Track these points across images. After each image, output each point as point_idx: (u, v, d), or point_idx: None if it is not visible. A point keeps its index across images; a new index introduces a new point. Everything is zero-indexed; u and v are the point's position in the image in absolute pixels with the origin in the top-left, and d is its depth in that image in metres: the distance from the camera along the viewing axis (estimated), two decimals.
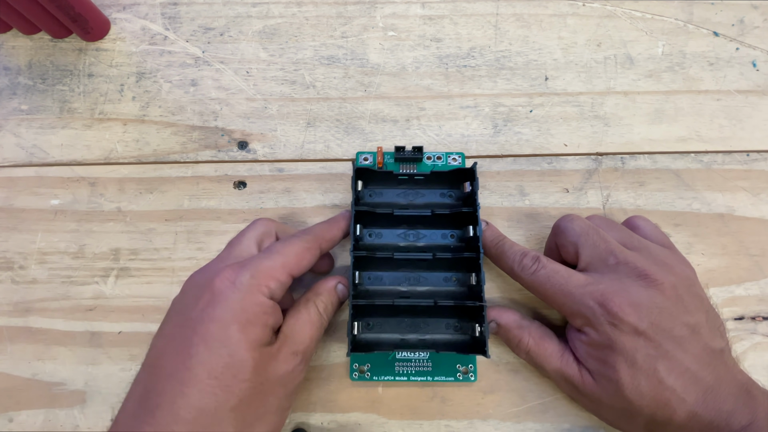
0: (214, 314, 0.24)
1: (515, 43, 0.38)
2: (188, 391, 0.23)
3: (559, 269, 0.29)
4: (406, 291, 0.32)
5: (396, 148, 0.34)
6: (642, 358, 0.26)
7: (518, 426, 0.31)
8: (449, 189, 0.34)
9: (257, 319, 0.25)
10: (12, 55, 0.38)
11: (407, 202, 0.34)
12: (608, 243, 0.29)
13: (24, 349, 0.33)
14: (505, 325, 0.31)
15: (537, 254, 0.30)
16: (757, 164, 0.36)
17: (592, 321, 0.27)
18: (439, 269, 0.32)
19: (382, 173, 0.33)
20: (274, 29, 0.39)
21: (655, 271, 0.28)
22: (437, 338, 0.31)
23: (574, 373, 0.28)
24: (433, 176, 0.33)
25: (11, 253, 0.35)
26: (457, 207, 0.33)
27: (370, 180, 0.34)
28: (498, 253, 0.31)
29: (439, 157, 0.35)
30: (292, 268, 0.27)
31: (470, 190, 0.32)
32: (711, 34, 0.39)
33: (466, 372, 0.32)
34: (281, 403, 0.26)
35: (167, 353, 0.24)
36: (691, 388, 0.26)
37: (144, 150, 0.36)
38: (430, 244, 0.33)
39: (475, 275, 0.31)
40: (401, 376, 0.31)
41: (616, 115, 0.37)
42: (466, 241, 0.32)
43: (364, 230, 0.33)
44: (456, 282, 0.32)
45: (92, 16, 0.37)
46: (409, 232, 0.33)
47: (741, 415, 0.26)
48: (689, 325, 0.27)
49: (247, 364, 0.24)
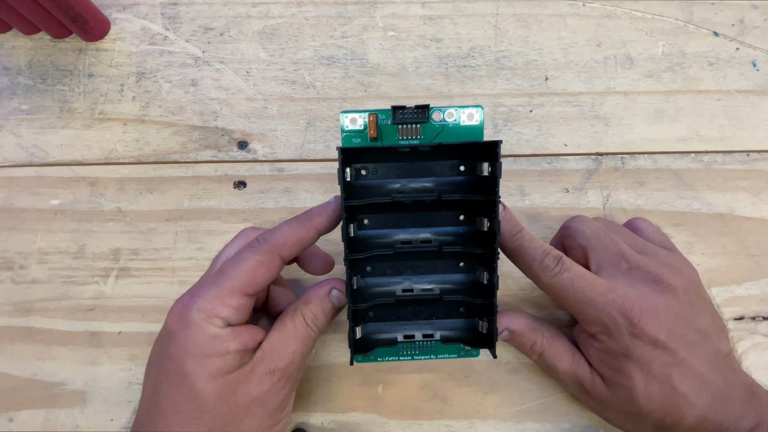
0: (170, 352, 0.24)
1: (515, 43, 0.38)
2: (160, 424, 0.24)
3: (584, 274, 0.27)
4: (409, 287, 0.29)
5: (393, 108, 0.27)
6: (657, 366, 0.26)
7: (518, 426, 0.31)
8: (462, 161, 0.28)
9: (212, 351, 0.24)
10: (12, 55, 0.38)
11: (409, 178, 0.28)
12: (619, 246, 0.29)
13: (24, 349, 0.33)
14: (518, 330, 0.29)
15: (560, 254, 0.27)
16: (757, 164, 0.36)
17: (611, 330, 0.26)
18: (447, 260, 0.29)
19: (377, 150, 0.27)
20: (274, 29, 0.39)
21: (668, 276, 0.27)
22: (442, 334, 0.29)
23: (586, 375, 0.28)
24: (442, 149, 0.27)
25: (11, 253, 0.35)
26: (471, 188, 0.27)
27: (362, 155, 0.28)
28: (516, 248, 0.28)
29: (450, 113, 0.28)
30: (244, 289, 0.25)
31: (489, 173, 0.25)
32: (711, 34, 0.39)
33: (469, 348, 0.29)
34: (262, 423, 0.25)
35: (145, 388, 0.26)
36: (701, 393, 0.26)
37: (144, 150, 0.36)
38: (437, 233, 0.28)
39: (488, 274, 0.27)
40: (405, 356, 0.29)
41: (616, 115, 0.37)
42: (478, 233, 0.28)
43: (359, 215, 0.28)
44: (464, 275, 0.29)
45: (92, 16, 0.37)
46: (413, 218, 0.28)
47: (748, 417, 0.26)
48: (700, 330, 0.27)
49: (209, 396, 0.24)
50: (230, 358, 0.24)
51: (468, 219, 0.29)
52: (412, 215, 0.29)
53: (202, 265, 0.34)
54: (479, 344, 0.28)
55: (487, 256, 0.27)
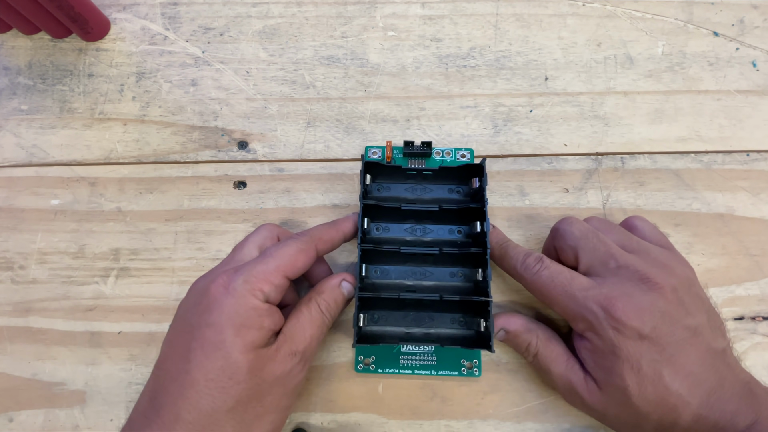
0: (210, 319, 0.25)
1: (515, 43, 0.38)
2: (188, 393, 0.24)
3: (562, 270, 0.29)
4: (412, 285, 0.32)
5: (405, 143, 0.34)
6: (647, 364, 0.26)
7: (518, 426, 0.31)
8: (457, 185, 0.34)
9: (251, 323, 0.25)
10: (12, 55, 0.38)
11: (415, 197, 0.34)
12: (608, 246, 0.29)
13: (24, 349, 0.33)
14: (514, 331, 0.31)
15: (541, 255, 0.30)
16: (757, 164, 0.36)
17: (594, 325, 0.27)
18: (446, 264, 0.33)
19: (391, 167, 0.33)
20: (274, 29, 0.39)
21: (656, 275, 0.28)
22: (442, 332, 0.31)
23: (579, 381, 0.28)
24: (442, 172, 0.33)
25: (11, 253, 0.35)
26: (464, 203, 0.33)
27: (378, 174, 0.34)
28: (501, 254, 0.31)
29: (448, 152, 0.35)
30: (286, 270, 0.27)
31: (478, 186, 0.32)
32: (711, 34, 0.39)
33: (471, 367, 0.32)
34: (280, 403, 0.27)
35: (171, 357, 0.26)
36: (695, 391, 0.26)
37: (144, 150, 0.36)
38: (437, 239, 0.33)
39: (482, 271, 0.31)
40: (406, 370, 0.32)
41: (616, 115, 0.37)
42: (473, 237, 0.33)
43: (372, 224, 0.33)
44: (462, 277, 0.32)
45: (92, 16, 0.37)
46: (416, 227, 0.33)
47: (745, 414, 0.26)
48: (691, 328, 0.27)
49: (242, 367, 0.24)
50: (264, 334, 0.26)
51: (465, 225, 0.34)
52: (413, 224, 0.34)
53: (202, 265, 0.34)
54: (477, 345, 0.30)
55: (480, 256, 0.31)
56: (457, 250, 0.31)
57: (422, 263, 0.33)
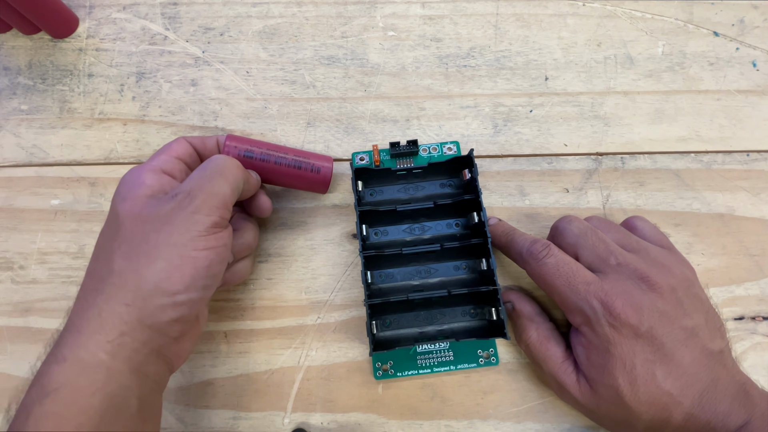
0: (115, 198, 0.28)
1: (515, 43, 0.38)
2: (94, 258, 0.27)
3: (568, 261, 0.29)
4: (418, 284, 0.33)
5: (391, 144, 0.34)
6: (640, 363, 0.26)
7: (518, 426, 0.31)
8: (448, 178, 0.34)
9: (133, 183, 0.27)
10: (12, 55, 0.38)
11: (408, 196, 0.34)
12: (607, 244, 0.29)
13: (24, 349, 0.33)
14: (519, 311, 0.31)
15: (549, 242, 0.30)
16: (757, 164, 0.36)
17: (591, 320, 0.27)
18: (449, 259, 0.33)
19: (381, 171, 0.33)
20: (274, 29, 0.39)
21: (655, 274, 0.28)
22: (455, 327, 0.32)
23: (572, 383, 0.28)
24: (431, 168, 0.33)
25: (11, 253, 0.35)
26: (458, 195, 0.33)
27: (369, 179, 0.34)
28: (507, 242, 0.31)
29: (434, 148, 0.36)
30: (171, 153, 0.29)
31: (470, 177, 0.32)
32: (711, 34, 0.39)
33: (488, 357, 0.32)
34: (170, 239, 0.25)
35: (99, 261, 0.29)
36: (687, 391, 0.26)
37: (144, 150, 0.36)
38: (437, 235, 0.33)
39: (485, 260, 0.31)
40: (425, 369, 0.32)
41: (616, 115, 0.37)
42: (472, 228, 0.33)
43: (370, 230, 0.33)
44: (467, 269, 0.33)
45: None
46: (414, 226, 0.33)
47: (737, 415, 0.26)
48: (687, 329, 0.27)
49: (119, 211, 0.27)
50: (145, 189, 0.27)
51: (462, 217, 0.34)
52: (410, 224, 0.34)
53: None
54: (491, 334, 0.30)
55: (482, 246, 0.31)
56: (458, 243, 0.31)
57: (425, 261, 0.33)
